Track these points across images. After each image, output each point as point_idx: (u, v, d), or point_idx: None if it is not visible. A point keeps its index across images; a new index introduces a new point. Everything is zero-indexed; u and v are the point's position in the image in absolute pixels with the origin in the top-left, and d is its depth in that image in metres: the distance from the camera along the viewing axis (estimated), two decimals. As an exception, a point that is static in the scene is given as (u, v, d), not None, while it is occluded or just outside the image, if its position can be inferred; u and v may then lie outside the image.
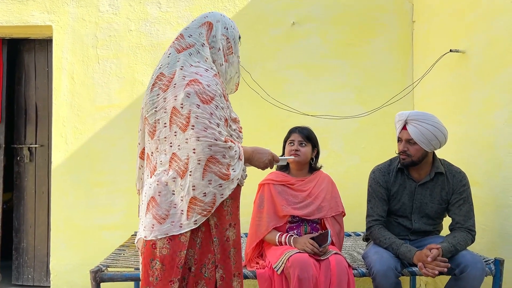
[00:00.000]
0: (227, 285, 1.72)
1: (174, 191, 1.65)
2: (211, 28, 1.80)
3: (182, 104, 1.63)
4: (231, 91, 1.95)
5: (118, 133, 3.49)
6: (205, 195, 1.61)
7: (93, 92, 3.51)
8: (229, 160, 1.64)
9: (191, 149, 1.60)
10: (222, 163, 1.62)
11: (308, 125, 2.64)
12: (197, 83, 1.64)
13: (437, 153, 2.48)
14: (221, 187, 1.63)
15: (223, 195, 1.65)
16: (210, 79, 1.68)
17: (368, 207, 2.48)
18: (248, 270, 2.32)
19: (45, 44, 3.70)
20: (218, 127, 1.62)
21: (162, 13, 3.55)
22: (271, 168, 1.93)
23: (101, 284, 2.25)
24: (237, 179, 1.68)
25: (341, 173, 3.42)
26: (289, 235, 2.39)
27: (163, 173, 1.68)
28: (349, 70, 3.55)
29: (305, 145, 2.51)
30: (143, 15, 3.54)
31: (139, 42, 3.53)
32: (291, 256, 2.17)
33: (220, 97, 1.68)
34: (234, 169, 1.66)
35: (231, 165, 1.65)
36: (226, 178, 1.63)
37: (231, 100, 1.86)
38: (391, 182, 2.46)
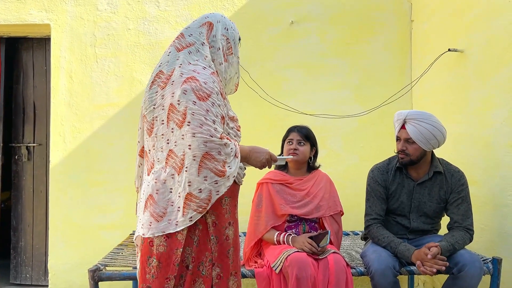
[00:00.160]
0: (224, 284, 1.72)
1: (171, 188, 1.65)
2: (211, 28, 1.81)
3: (179, 101, 1.64)
4: (231, 92, 1.96)
5: (117, 132, 3.48)
6: (201, 191, 1.61)
7: (92, 91, 3.50)
8: (224, 157, 1.64)
9: (187, 145, 1.60)
10: (218, 159, 1.62)
11: (307, 124, 2.64)
12: (194, 80, 1.65)
13: (435, 152, 2.48)
14: (216, 183, 1.63)
15: (219, 192, 1.65)
16: (208, 76, 1.69)
17: (367, 206, 2.48)
18: (246, 269, 2.32)
19: (43, 42, 3.68)
20: (214, 124, 1.63)
21: (160, 12, 3.54)
22: (269, 167, 1.93)
23: (99, 283, 2.25)
24: (233, 176, 1.68)
25: (339, 172, 3.42)
26: (287, 234, 2.39)
27: (161, 170, 1.68)
28: (347, 69, 3.55)
29: (303, 144, 2.51)
30: (141, 14, 3.54)
31: (137, 41, 3.53)
32: (289, 255, 2.17)
33: (217, 94, 1.68)
34: (230, 166, 1.66)
35: (227, 162, 1.65)
36: (222, 175, 1.63)
37: (229, 100, 1.86)
38: (389, 181, 2.46)
